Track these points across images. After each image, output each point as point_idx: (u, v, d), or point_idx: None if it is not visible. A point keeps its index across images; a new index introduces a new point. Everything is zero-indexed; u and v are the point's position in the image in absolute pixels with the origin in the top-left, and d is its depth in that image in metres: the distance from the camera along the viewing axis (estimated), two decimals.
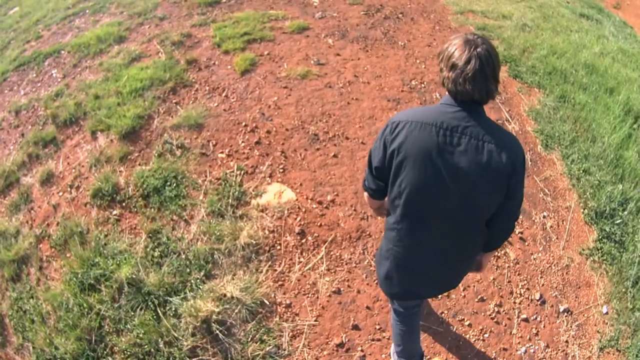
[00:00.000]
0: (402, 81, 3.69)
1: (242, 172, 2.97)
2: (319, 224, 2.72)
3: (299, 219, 2.73)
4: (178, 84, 3.64)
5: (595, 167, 3.36)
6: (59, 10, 5.43)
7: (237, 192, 2.85)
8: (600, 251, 2.85)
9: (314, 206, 2.79)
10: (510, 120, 3.55)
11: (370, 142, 3.17)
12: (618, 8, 6.69)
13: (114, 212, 2.89)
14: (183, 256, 2.61)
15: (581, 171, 3.31)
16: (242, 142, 3.14)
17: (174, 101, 3.50)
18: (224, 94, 3.48)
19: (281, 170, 2.96)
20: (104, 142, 3.34)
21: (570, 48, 4.39)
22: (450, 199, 1.39)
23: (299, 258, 2.59)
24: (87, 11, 5.13)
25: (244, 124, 3.24)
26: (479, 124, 1.34)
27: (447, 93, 1.39)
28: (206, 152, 3.10)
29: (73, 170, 3.26)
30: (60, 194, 3.13)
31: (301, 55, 3.86)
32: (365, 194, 1.65)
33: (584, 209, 3.09)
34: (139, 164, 3.12)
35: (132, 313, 2.35)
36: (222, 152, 3.09)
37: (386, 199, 1.59)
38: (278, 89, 3.51)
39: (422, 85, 3.73)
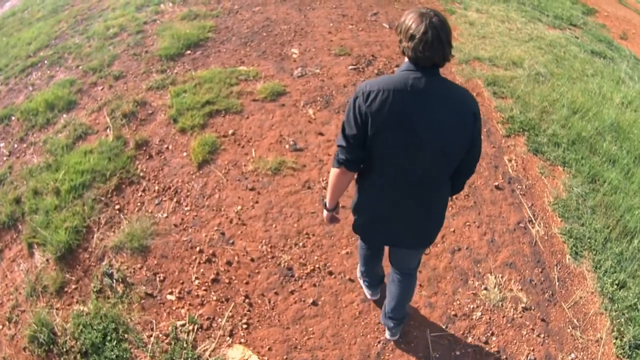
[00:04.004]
0: None
1: (196, 327, 2.02)
2: None
3: None
4: (124, 179, 2.64)
5: (631, 277, 2.43)
6: (21, 59, 4.49)
7: (189, 359, 1.92)
8: None
9: None
10: (534, 221, 2.54)
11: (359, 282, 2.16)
12: (625, 39, 5.51)
13: None
14: None
15: (615, 286, 2.40)
16: (196, 277, 2.17)
17: (116, 206, 2.51)
18: (175, 199, 2.48)
19: (244, 326, 2.01)
20: (40, 261, 2.48)
21: (592, 103, 3.32)
22: (429, 156, 1.38)
23: None
24: (46, 62, 4.14)
25: (198, 248, 2.26)
26: (441, 84, 1.37)
27: (406, 60, 1.38)
28: (152, 291, 2.16)
29: (11, 297, 2.48)
30: (0, 327, 2.27)
31: (274, 135, 2.79)
32: (336, 171, 1.49)
33: (616, 339, 2.19)
34: (77, 301, 2.24)
35: None
36: (171, 293, 2.14)
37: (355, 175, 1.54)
38: (242, 191, 2.48)
39: None
